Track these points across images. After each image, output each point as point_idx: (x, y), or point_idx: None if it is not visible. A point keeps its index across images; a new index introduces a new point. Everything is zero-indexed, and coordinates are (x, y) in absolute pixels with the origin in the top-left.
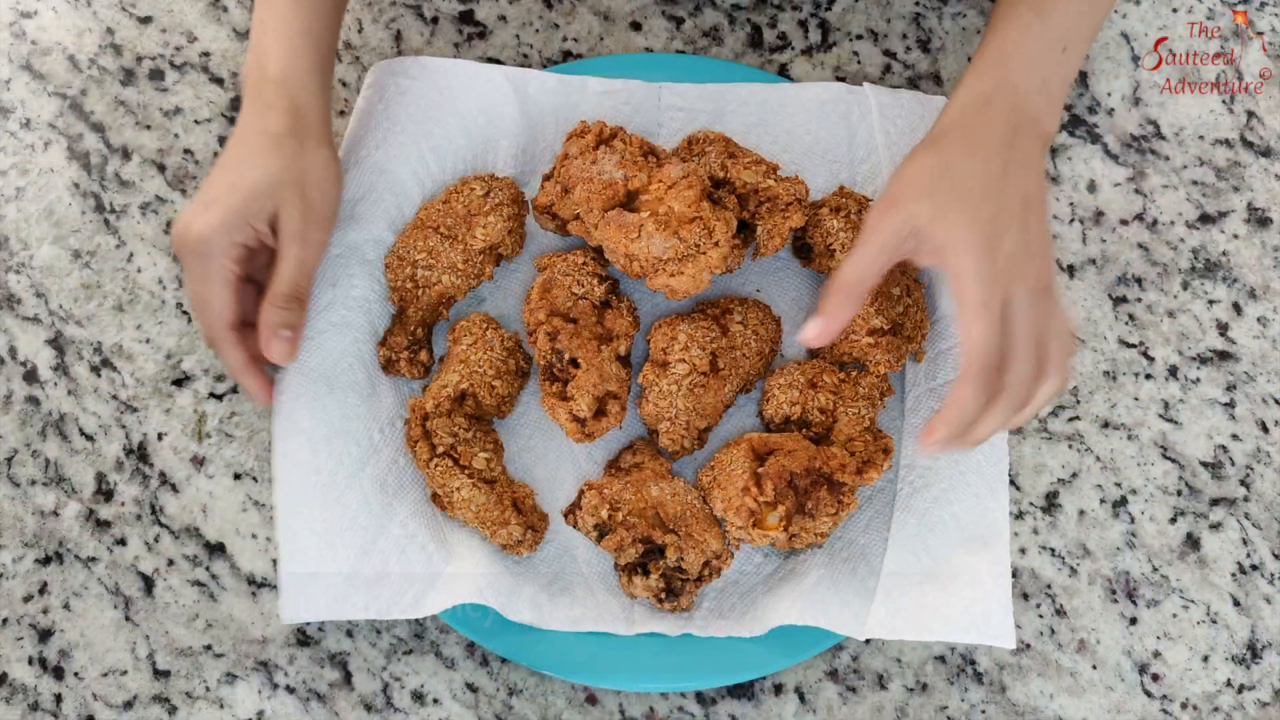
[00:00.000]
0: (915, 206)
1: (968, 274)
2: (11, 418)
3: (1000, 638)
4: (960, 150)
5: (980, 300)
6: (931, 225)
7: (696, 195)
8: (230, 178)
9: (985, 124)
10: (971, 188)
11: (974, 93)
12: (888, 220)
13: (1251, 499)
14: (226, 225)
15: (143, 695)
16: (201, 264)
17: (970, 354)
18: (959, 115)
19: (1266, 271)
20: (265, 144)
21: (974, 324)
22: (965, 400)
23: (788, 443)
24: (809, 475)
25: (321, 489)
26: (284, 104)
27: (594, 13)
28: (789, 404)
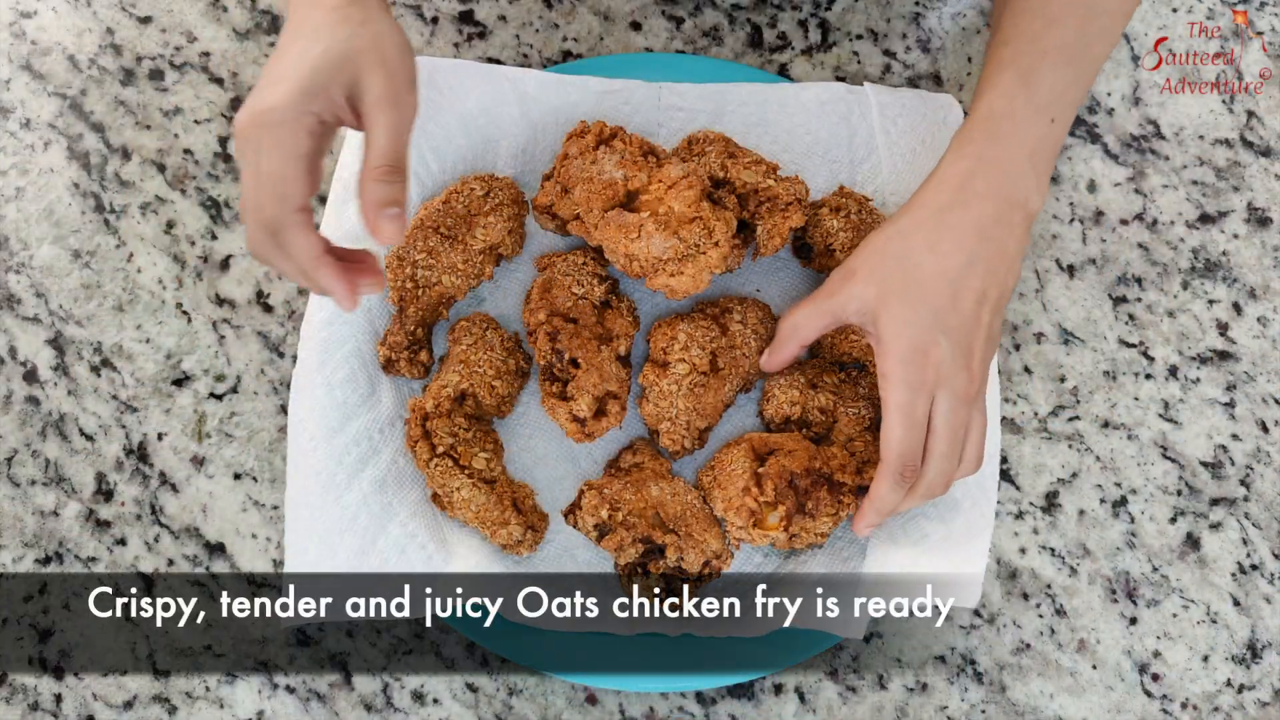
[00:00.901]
0: (864, 290)
1: (894, 377)
2: (11, 418)
3: (966, 599)
4: (925, 240)
5: (901, 405)
6: (874, 313)
7: (696, 195)
8: (296, 51)
9: (961, 209)
10: (923, 285)
11: (957, 170)
12: (841, 291)
13: (1251, 499)
14: (303, 92)
15: (143, 695)
16: (272, 136)
17: (887, 454)
18: (934, 191)
19: (1266, 271)
20: (327, 16)
21: (893, 427)
22: (883, 495)
23: (788, 443)
24: (809, 476)
25: (321, 489)
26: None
27: (594, 13)
28: (789, 404)
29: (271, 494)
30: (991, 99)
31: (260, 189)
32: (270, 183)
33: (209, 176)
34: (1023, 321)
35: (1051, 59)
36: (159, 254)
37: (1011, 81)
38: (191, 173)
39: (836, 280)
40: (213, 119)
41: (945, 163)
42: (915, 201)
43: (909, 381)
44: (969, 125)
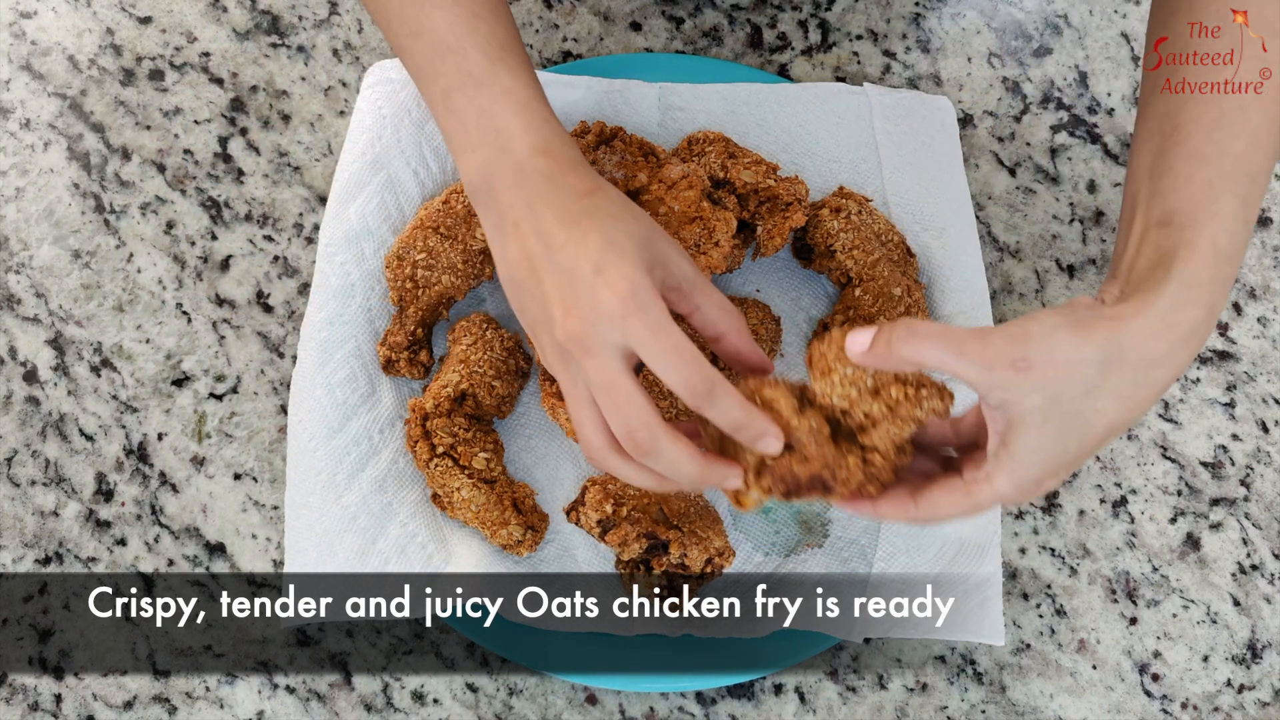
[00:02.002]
0: (1034, 397)
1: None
2: (11, 418)
3: (991, 635)
4: (1122, 383)
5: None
6: (1024, 425)
7: (696, 195)
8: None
9: (1170, 364)
10: (1092, 425)
11: (1184, 317)
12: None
13: (1251, 499)
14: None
15: (143, 695)
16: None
17: (923, 515)
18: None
19: (1266, 271)
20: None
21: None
22: (886, 517)
23: (812, 443)
24: (811, 483)
25: (321, 489)
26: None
27: (594, 13)
28: (840, 396)
29: (271, 494)
30: (1215, 232)
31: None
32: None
33: (209, 176)
34: None
35: (1260, 187)
36: (159, 254)
37: (1233, 212)
38: (191, 173)
39: (998, 354)
40: (213, 119)
41: (1169, 302)
42: (1124, 335)
43: (1005, 498)
44: (1196, 261)
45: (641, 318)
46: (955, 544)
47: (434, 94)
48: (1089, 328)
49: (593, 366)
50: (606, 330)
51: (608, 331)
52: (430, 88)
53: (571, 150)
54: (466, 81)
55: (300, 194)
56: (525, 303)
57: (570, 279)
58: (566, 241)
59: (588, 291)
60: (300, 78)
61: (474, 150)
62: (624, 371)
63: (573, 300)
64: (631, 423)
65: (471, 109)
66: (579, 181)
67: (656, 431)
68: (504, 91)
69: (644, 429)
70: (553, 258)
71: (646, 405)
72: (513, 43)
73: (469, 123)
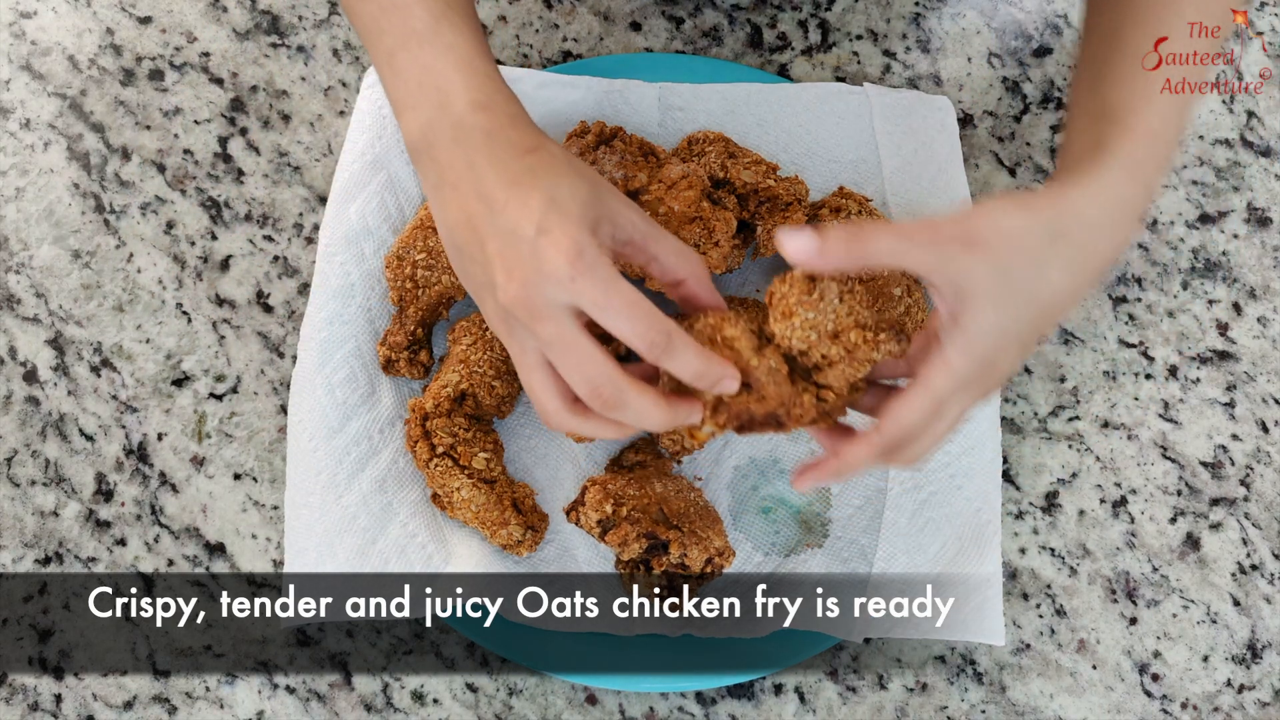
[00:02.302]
0: (986, 273)
1: (955, 370)
2: (11, 418)
3: (991, 635)
4: (1069, 253)
5: (939, 396)
6: (978, 302)
7: (696, 195)
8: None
9: (1108, 237)
10: (1042, 299)
11: (1122, 192)
12: (951, 252)
13: (1251, 499)
14: (589, 225)
15: (143, 695)
16: (590, 277)
17: (891, 429)
18: (1093, 207)
19: (1266, 271)
20: (538, 161)
21: (916, 409)
22: (854, 464)
23: (770, 383)
24: (766, 420)
25: (321, 489)
26: (506, 117)
27: (594, 13)
28: (800, 339)
29: (271, 494)
30: (1150, 117)
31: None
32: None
33: (209, 176)
34: None
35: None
36: (159, 254)
37: (1168, 103)
38: (191, 173)
39: (947, 235)
40: (213, 119)
41: (1109, 177)
42: (1068, 208)
43: (964, 380)
44: (1131, 142)
45: (590, 278)
46: (955, 544)
47: (380, 54)
48: (1033, 203)
49: (544, 330)
50: (554, 292)
51: (555, 293)
52: (376, 47)
53: (513, 106)
54: (410, 38)
55: (300, 194)
56: (467, 266)
57: (512, 241)
58: (508, 202)
59: (531, 253)
60: (300, 78)
61: (415, 109)
62: (578, 330)
63: (516, 263)
64: (595, 379)
65: (415, 67)
66: (520, 138)
67: (620, 384)
68: (446, 47)
69: (608, 384)
70: (494, 220)
71: (606, 359)
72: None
73: (411, 81)
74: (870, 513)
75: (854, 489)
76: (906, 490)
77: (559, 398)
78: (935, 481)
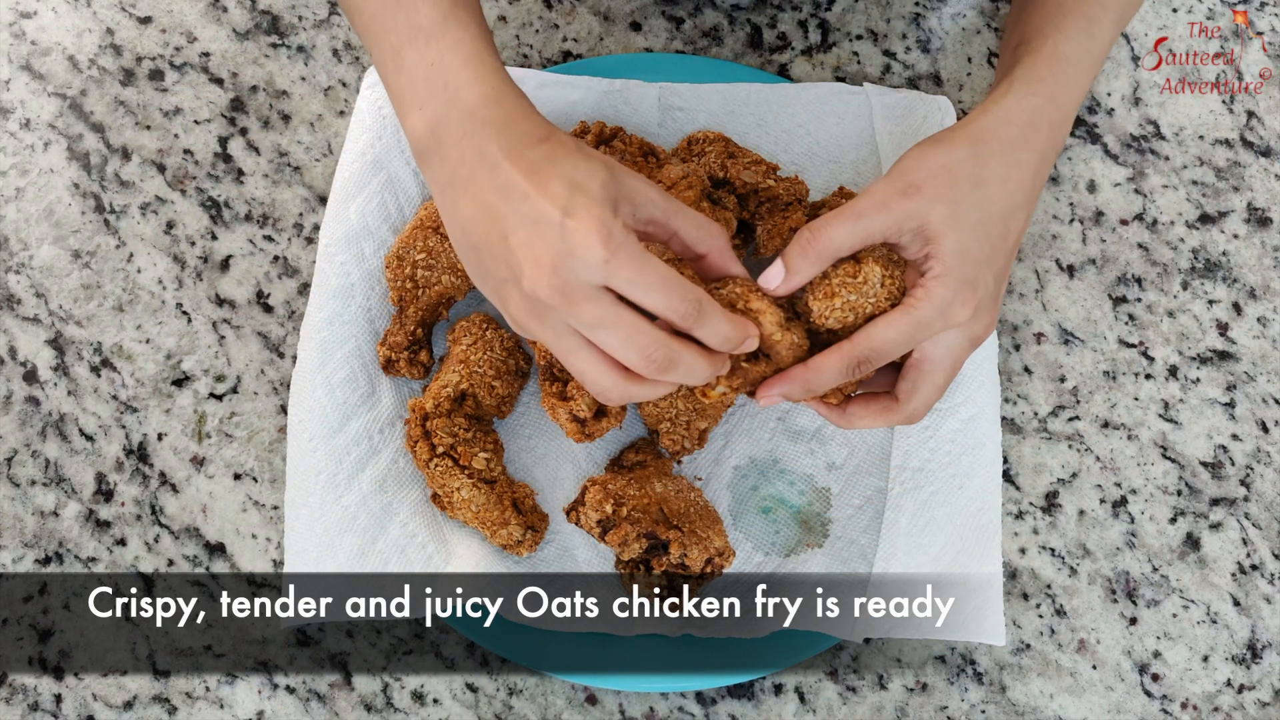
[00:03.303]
0: (936, 207)
1: (927, 291)
2: (11, 418)
3: (992, 635)
4: (997, 168)
5: (921, 320)
6: (940, 233)
7: (696, 195)
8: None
9: (1027, 146)
10: (991, 214)
11: (1026, 105)
12: (900, 205)
13: (1251, 499)
14: (612, 206)
15: (143, 695)
16: (624, 255)
17: (865, 342)
18: (1003, 124)
19: (1266, 271)
20: (553, 149)
21: (896, 328)
22: (824, 372)
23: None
24: None
25: (321, 489)
26: (516, 110)
27: (594, 13)
28: (838, 320)
29: (271, 494)
30: (1058, 40)
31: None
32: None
33: (209, 176)
34: (1023, 321)
35: (1110, 13)
36: (159, 254)
37: (1077, 27)
38: (191, 173)
39: (888, 194)
40: (213, 119)
41: (1012, 96)
42: (981, 130)
43: (944, 303)
44: (1035, 62)
45: (623, 256)
46: (956, 544)
47: (384, 53)
48: (950, 136)
49: (585, 312)
50: (587, 274)
51: (589, 275)
52: (380, 46)
53: (522, 100)
54: (417, 35)
55: (300, 194)
56: (487, 263)
57: (538, 229)
58: (529, 191)
59: (560, 238)
60: (300, 78)
61: (421, 106)
62: (618, 305)
63: (544, 250)
64: (646, 346)
65: (421, 64)
66: (533, 128)
67: (671, 345)
68: (454, 43)
69: (659, 347)
70: (515, 208)
71: (650, 326)
72: None
73: (418, 78)
74: (870, 513)
75: (854, 489)
76: (907, 490)
77: (612, 372)
78: (936, 481)
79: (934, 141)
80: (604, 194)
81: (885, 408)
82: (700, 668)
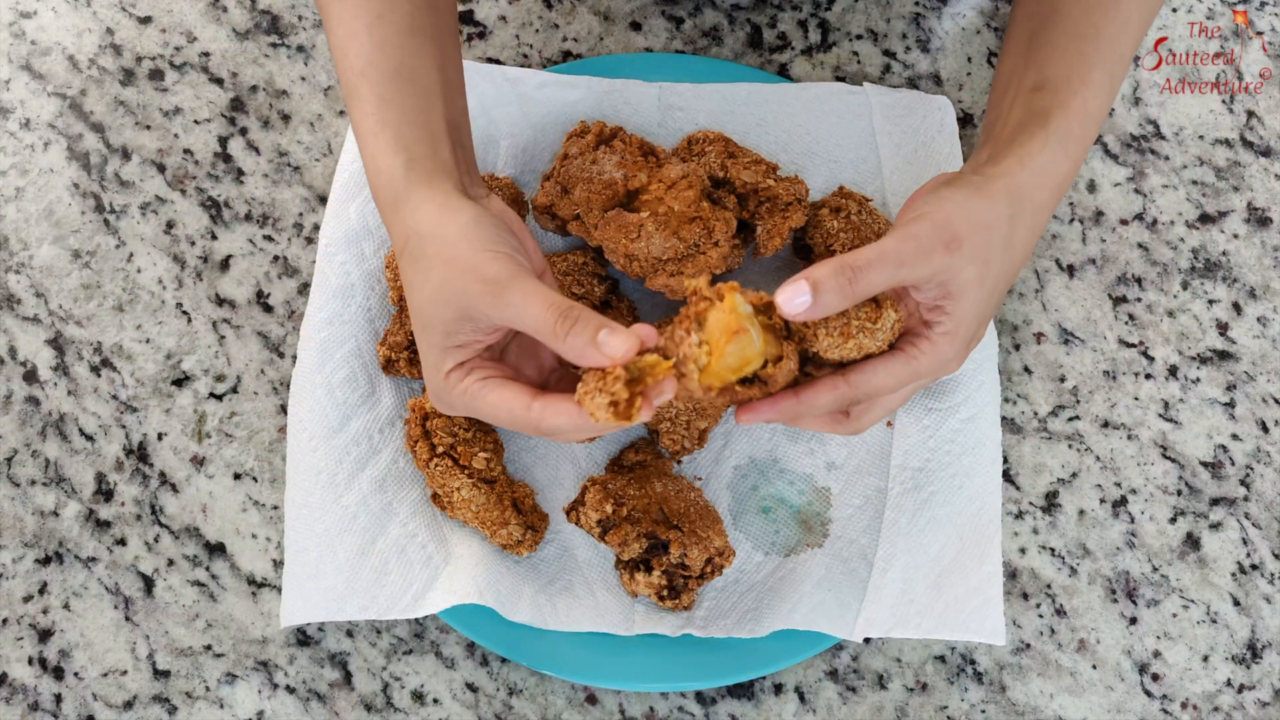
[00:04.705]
0: (969, 267)
1: (936, 350)
2: (11, 418)
3: (992, 635)
4: (1024, 232)
5: (917, 371)
6: (962, 292)
7: (696, 195)
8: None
9: (1050, 208)
10: (1009, 274)
11: (1060, 168)
12: (942, 259)
13: (1251, 499)
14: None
15: (143, 695)
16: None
17: (860, 383)
18: (1038, 184)
19: (1266, 271)
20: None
21: (893, 374)
22: (816, 407)
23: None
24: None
25: (321, 489)
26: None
27: (594, 13)
28: (844, 356)
29: (271, 494)
30: (1086, 97)
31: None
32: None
33: (209, 176)
34: (1023, 321)
35: (1124, 66)
36: (159, 254)
37: (1102, 82)
38: (191, 173)
39: (933, 245)
40: (213, 119)
41: (1048, 154)
42: (1019, 188)
43: (945, 361)
44: (1067, 119)
45: (451, 403)
46: (956, 544)
47: None
48: (991, 190)
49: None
50: (439, 405)
51: (440, 405)
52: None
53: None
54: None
55: (300, 194)
56: None
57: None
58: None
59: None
60: (300, 78)
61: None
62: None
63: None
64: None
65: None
66: (399, 230)
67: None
68: (361, 117)
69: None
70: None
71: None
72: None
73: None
74: (870, 513)
75: (854, 489)
76: (907, 490)
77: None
78: (936, 481)
79: (975, 190)
80: (437, 325)
81: (835, 420)
82: (700, 668)
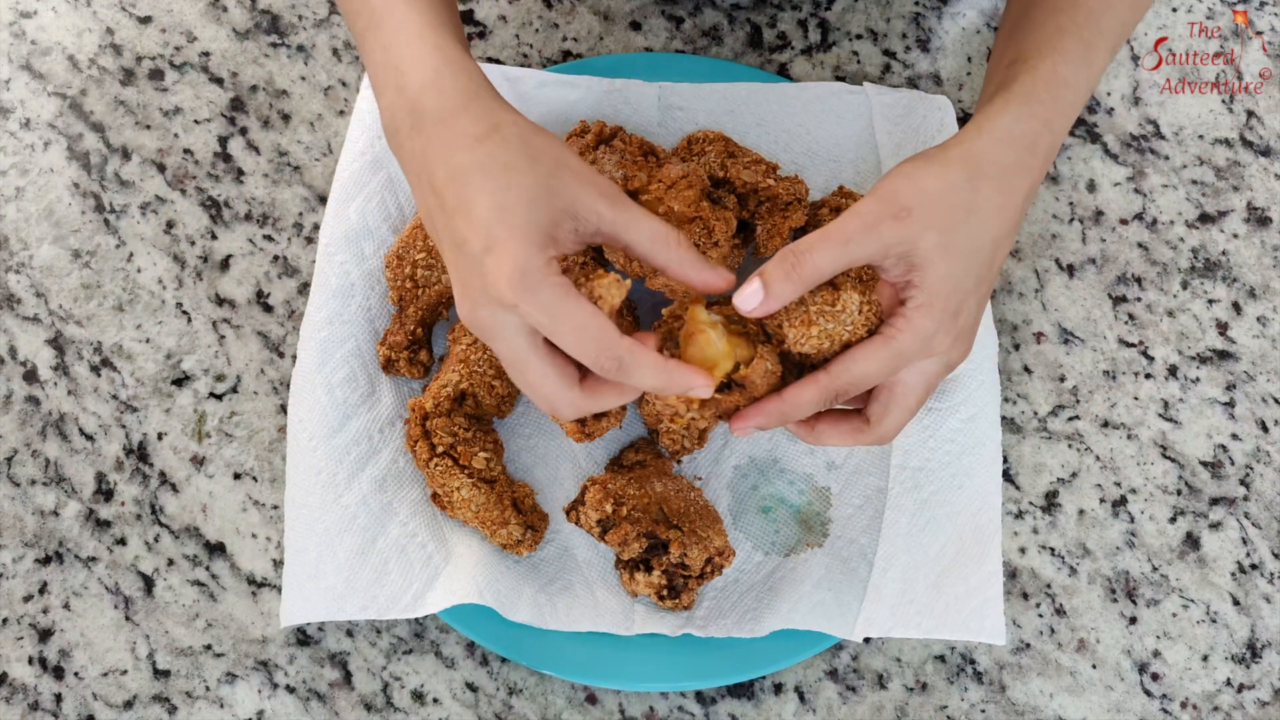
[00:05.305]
0: (926, 234)
1: (910, 323)
2: (11, 418)
3: (992, 635)
4: (991, 195)
5: (903, 351)
6: (927, 261)
7: (696, 195)
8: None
9: (1022, 172)
10: (982, 243)
11: (1024, 128)
12: (890, 230)
13: (1251, 499)
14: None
15: (143, 695)
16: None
17: (843, 374)
18: (1000, 147)
19: (1266, 271)
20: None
21: (876, 359)
22: (800, 403)
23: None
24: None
25: (321, 489)
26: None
27: (594, 13)
28: (813, 347)
29: (271, 494)
30: (1057, 62)
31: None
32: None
33: (209, 176)
34: (1023, 321)
35: (1107, 40)
36: (159, 254)
37: (1075, 50)
38: (191, 173)
39: (878, 218)
40: (213, 119)
41: (1010, 116)
42: (976, 152)
43: (927, 336)
44: (1034, 82)
45: (533, 301)
46: (955, 543)
47: (356, 38)
48: (944, 157)
49: (500, 349)
50: (501, 315)
51: (503, 316)
52: (353, 32)
53: (464, 81)
54: (372, 18)
55: (300, 194)
56: (440, 261)
57: (461, 256)
58: (457, 208)
59: (478, 273)
60: (300, 77)
61: (381, 92)
62: (530, 348)
63: (465, 281)
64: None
65: (377, 47)
66: (471, 124)
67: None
68: (400, 24)
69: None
70: (448, 224)
71: (557, 372)
72: None
73: (376, 62)
74: (870, 513)
75: (854, 489)
76: (907, 490)
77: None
78: (936, 481)
79: (926, 160)
80: (530, 218)
81: (856, 429)
82: (700, 667)
